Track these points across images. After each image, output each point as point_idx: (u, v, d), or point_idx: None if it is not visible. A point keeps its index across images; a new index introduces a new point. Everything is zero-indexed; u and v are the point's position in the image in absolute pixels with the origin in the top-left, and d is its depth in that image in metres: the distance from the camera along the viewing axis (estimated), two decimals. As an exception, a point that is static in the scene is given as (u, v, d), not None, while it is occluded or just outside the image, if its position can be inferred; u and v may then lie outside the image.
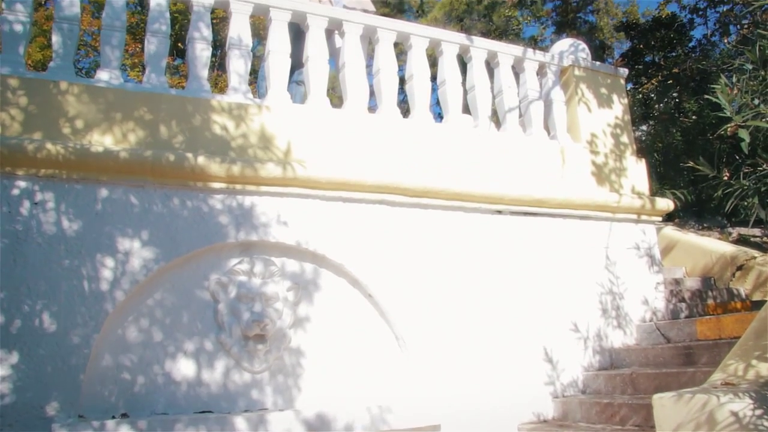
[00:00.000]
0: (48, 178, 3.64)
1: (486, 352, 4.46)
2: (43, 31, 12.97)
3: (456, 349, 4.39)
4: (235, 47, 4.41)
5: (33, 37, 11.69)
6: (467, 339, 4.44)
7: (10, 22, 3.93)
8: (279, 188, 4.10)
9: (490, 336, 4.51)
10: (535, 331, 4.68)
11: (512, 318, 4.63)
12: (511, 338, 4.58)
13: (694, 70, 11.60)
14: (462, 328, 4.44)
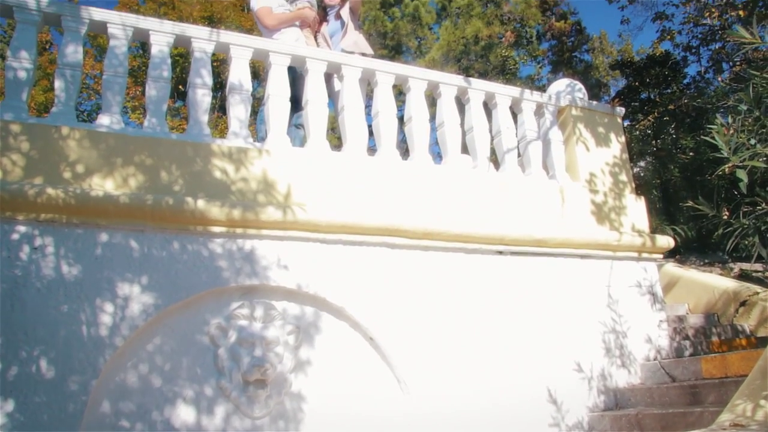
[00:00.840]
0: (48, 223, 3.64)
1: (489, 395, 4.41)
2: (47, 74, 13.12)
3: (459, 391, 4.33)
4: (235, 92, 4.46)
5: (36, 80, 11.84)
6: (470, 381, 4.39)
7: (14, 69, 3.98)
8: (279, 232, 4.10)
9: (493, 378, 4.46)
10: (538, 372, 4.63)
11: (515, 359, 4.59)
12: (515, 380, 4.53)
13: (689, 107, 11.72)
14: (465, 370, 4.40)
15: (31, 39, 4.09)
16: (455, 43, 17.45)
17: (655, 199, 12.04)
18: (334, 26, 6.10)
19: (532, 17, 18.73)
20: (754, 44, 2.94)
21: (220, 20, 14.05)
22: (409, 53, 18.87)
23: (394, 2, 18.52)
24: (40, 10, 4.13)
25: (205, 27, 5.13)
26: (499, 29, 18.11)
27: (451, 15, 18.94)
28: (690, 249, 8.97)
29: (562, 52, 18.94)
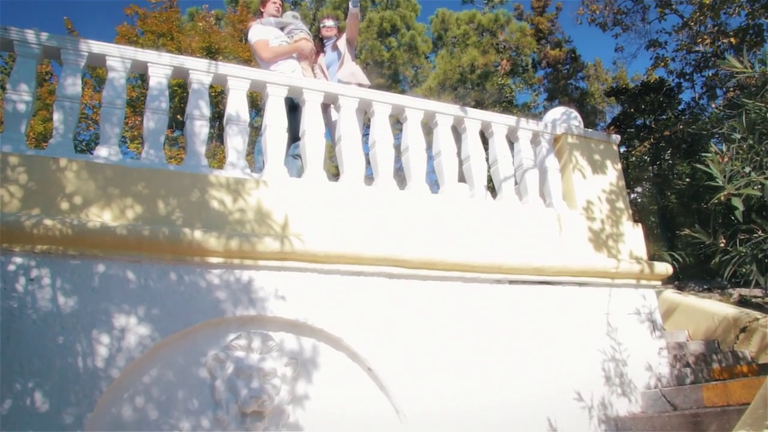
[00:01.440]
0: (45, 254, 3.63)
1: (488, 425, 4.36)
2: (46, 105, 13.18)
3: (458, 422, 4.29)
4: (233, 123, 4.49)
5: (36, 110, 11.90)
6: (469, 411, 4.34)
7: (14, 102, 4.01)
8: (277, 262, 4.10)
9: (492, 407, 4.42)
10: (538, 401, 4.59)
11: (515, 388, 4.55)
12: (514, 409, 4.48)
13: (685, 133, 11.79)
14: (464, 400, 4.36)
15: (31, 72, 4.14)
16: (451, 72, 17.62)
17: (653, 225, 12.07)
18: (331, 57, 6.18)
19: (527, 46, 18.97)
20: (745, 73, 2.97)
21: (218, 51, 14.16)
22: (406, 82, 19.05)
23: (390, 32, 18.73)
24: (40, 44, 4.18)
25: (203, 59, 5.19)
26: (495, 58, 18.31)
27: (447, 44, 19.17)
28: (689, 275, 8.95)
29: (557, 80, 19.14)
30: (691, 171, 10.62)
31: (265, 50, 5.74)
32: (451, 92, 17.46)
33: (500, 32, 19.06)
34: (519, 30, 19.27)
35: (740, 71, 3.00)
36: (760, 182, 2.81)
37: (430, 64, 19.57)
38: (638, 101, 13.39)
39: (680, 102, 13.90)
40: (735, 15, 12.09)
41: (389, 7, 19.23)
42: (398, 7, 19.27)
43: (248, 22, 15.22)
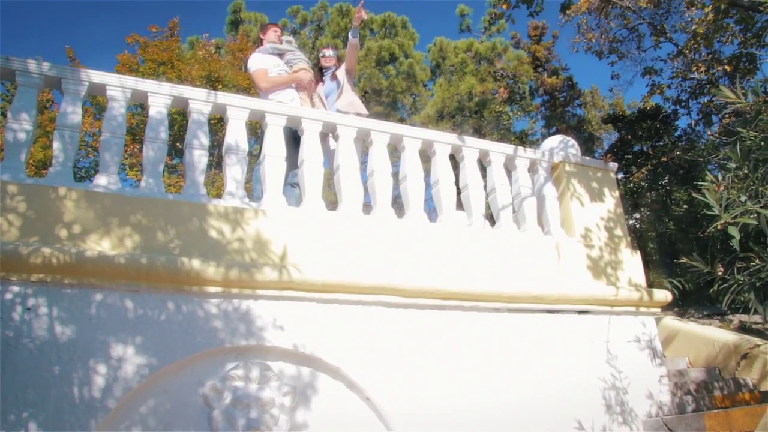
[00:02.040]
0: (42, 283, 3.62)
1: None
2: (46, 132, 13.22)
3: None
4: (232, 153, 4.52)
5: (36, 137, 11.93)
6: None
7: (14, 131, 4.04)
8: (275, 292, 4.09)
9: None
10: (539, 430, 4.55)
11: (514, 418, 4.51)
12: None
13: (682, 160, 11.86)
14: (464, 430, 4.31)
15: (32, 101, 4.17)
16: (449, 100, 17.75)
17: (652, 251, 12.07)
18: (330, 86, 6.23)
19: (524, 73, 19.14)
20: (738, 104, 3.01)
21: (217, 79, 14.28)
22: (405, 110, 19.17)
23: (389, 60, 18.90)
24: (42, 74, 4.21)
25: (203, 88, 5.23)
26: (493, 86, 18.47)
27: (445, 72, 19.33)
28: (688, 301, 8.93)
29: (554, 107, 19.29)
30: (688, 197, 10.66)
31: (263, 80, 5.79)
32: (450, 120, 17.57)
33: (497, 60, 19.25)
34: (516, 58, 19.46)
35: (734, 102, 3.03)
36: (756, 211, 2.82)
37: (428, 92, 19.72)
38: (635, 128, 13.49)
39: (677, 128, 14.00)
40: (728, 43, 12.25)
41: (388, 35, 19.44)
42: (396, 35, 19.48)
43: (248, 50, 15.48)
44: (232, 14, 19.86)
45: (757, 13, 5.86)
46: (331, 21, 19.36)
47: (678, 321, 7.25)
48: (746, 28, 8.80)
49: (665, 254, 11.67)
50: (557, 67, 20.76)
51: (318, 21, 20.12)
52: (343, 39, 18.33)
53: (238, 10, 19.80)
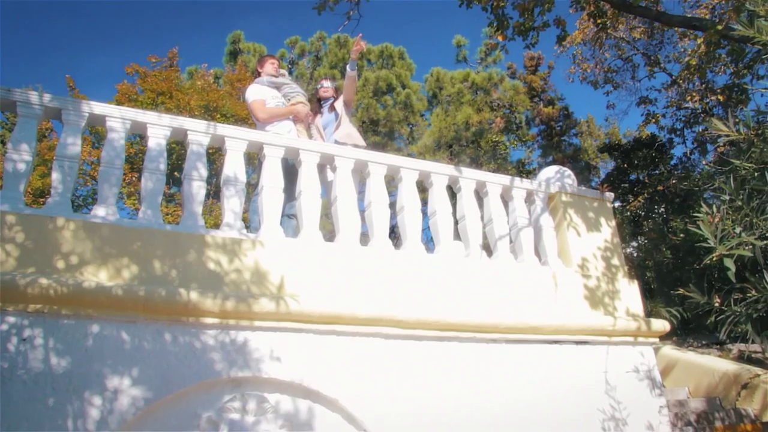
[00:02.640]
0: (38, 314, 3.61)
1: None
2: (44, 161, 13.26)
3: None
4: (230, 184, 4.54)
5: (34, 166, 11.96)
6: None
7: (14, 161, 4.06)
8: (272, 323, 4.07)
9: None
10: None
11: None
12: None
13: (678, 188, 11.92)
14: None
15: (32, 132, 4.20)
16: (446, 130, 17.89)
17: (650, 279, 12.06)
18: (328, 118, 6.28)
19: (520, 103, 19.33)
20: (731, 136, 3.05)
21: (216, 109, 14.39)
22: (402, 139, 19.30)
23: (386, 90, 19.09)
24: (42, 105, 4.25)
25: (201, 119, 5.27)
26: (489, 115, 18.64)
27: (441, 102, 19.52)
28: (687, 330, 8.90)
29: (551, 137, 19.44)
30: (685, 226, 10.69)
31: (261, 111, 5.84)
32: (447, 150, 17.69)
33: (494, 90, 19.46)
34: (512, 88, 19.67)
35: (727, 134, 3.08)
36: (751, 242, 2.84)
37: (425, 121, 19.88)
38: (631, 157, 13.59)
39: (672, 157, 14.11)
40: (721, 73, 12.41)
41: (385, 66, 19.65)
42: (394, 66, 19.70)
43: (246, 80, 15.63)
44: (231, 44, 20.11)
45: (748, 45, 5.95)
46: (329, 52, 19.59)
47: (677, 350, 7.22)
48: (738, 59, 8.92)
49: (663, 283, 11.65)
50: (553, 97, 20.98)
51: (316, 51, 20.36)
52: (341, 69, 18.52)
53: (237, 40, 20.05)
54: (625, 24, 14.62)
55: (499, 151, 18.06)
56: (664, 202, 12.59)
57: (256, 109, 5.86)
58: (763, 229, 2.90)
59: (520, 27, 8.23)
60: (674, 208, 12.17)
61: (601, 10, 8.88)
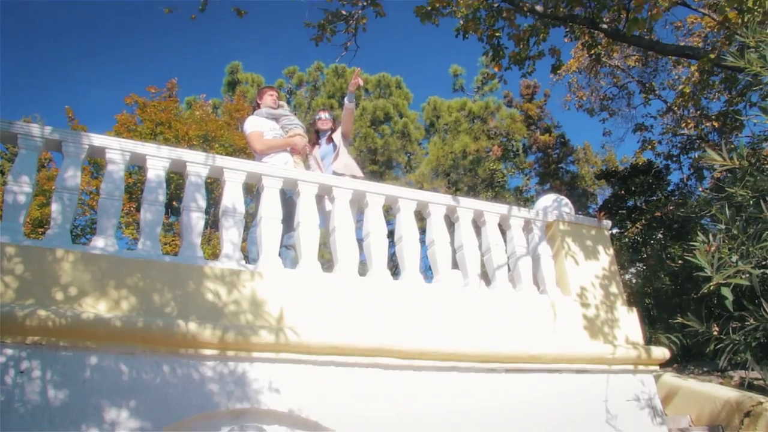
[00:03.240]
0: (36, 346, 3.59)
1: None
2: (44, 191, 13.27)
3: None
4: (228, 215, 4.56)
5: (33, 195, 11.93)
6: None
7: (14, 193, 4.08)
8: (271, 354, 4.06)
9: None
10: (538, 495, 4.46)
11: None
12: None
13: (675, 215, 11.94)
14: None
15: (33, 164, 4.23)
16: (444, 158, 18.00)
17: (649, 306, 12.03)
18: (326, 149, 6.33)
19: (517, 131, 19.48)
20: (725, 166, 3.08)
21: (214, 138, 14.47)
22: (400, 168, 19.40)
23: (384, 119, 19.24)
24: (43, 137, 4.29)
25: (200, 151, 5.31)
26: (486, 143, 18.76)
27: (439, 131, 19.67)
28: (687, 357, 8.85)
29: (548, 164, 19.54)
30: (683, 253, 10.68)
31: (259, 142, 5.89)
32: (444, 178, 17.78)
33: (491, 119, 19.62)
34: (509, 116, 19.84)
35: (721, 164, 3.11)
36: (747, 271, 2.86)
37: (423, 150, 20.01)
38: (628, 183, 13.61)
39: (669, 183, 14.14)
40: (715, 100, 12.53)
41: (382, 95, 19.84)
42: (391, 95, 19.88)
43: (244, 110, 15.74)
44: (229, 75, 20.30)
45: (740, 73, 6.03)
46: (327, 82, 19.78)
47: (678, 378, 7.16)
48: (731, 87, 9.03)
49: (662, 309, 11.61)
50: (550, 125, 21.14)
51: (314, 81, 20.56)
52: (338, 99, 18.69)
53: (235, 71, 20.25)
54: (620, 52, 14.81)
55: (497, 179, 18.14)
56: (662, 228, 12.60)
57: (254, 141, 5.91)
58: (759, 257, 2.92)
59: (515, 57, 8.32)
60: (672, 235, 12.16)
61: (595, 39, 8.99)
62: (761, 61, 2.85)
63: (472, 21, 7.93)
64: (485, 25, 8.08)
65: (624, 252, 12.62)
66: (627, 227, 13.31)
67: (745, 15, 6.54)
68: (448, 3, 7.95)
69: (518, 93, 22.16)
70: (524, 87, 21.77)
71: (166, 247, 12.60)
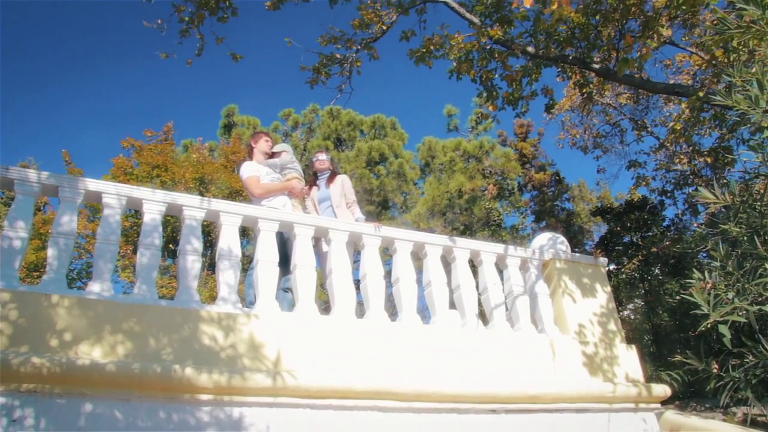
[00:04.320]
0: (30, 393, 3.55)
1: None
2: (39, 234, 13.24)
3: None
4: (224, 258, 4.56)
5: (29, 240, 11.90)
6: None
7: (10, 239, 4.08)
8: (269, 398, 4.01)
9: None
10: None
11: None
12: None
13: (671, 250, 11.96)
14: None
15: (29, 209, 4.25)
16: (440, 198, 18.09)
17: (648, 342, 11.96)
18: (324, 192, 6.34)
19: (512, 170, 19.63)
20: (717, 203, 3.11)
21: (211, 181, 14.55)
22: (396, 208, 19.47)
23: (379, 160, 19.39)
24: (40, 182, 4.31)
25: (196, 194, 5.34)
26: (482, 182, 18.89)
27: (434, 170, 19.82)
28: (689, 393, 8.77)
29: (543, 202, 19.62)
30: (679, 288, 10.68)
31: (256, 187, 5.89)
32: (440, 217, 17.84)
33: (485, 158, 19.79)
34: (504, 155, 20.01)
35: (714, 202, 3.14)
36: (744, 308, 2.86)
37: (418, 190, 20.13)
38: (623, 219, 13.66)
39: (664, 219, 14.19)
40: (707, 135, 12.66)
41: (377, 136, 20.03)
42: (386, 136, 20.08)
43: (240, 153, 15.85)
44: (225, 117, 20.49)
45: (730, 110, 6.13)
46: (322, 123, 19.99)
47: (680, 415, 7.07)
48: (721, 123, 9.14)
49: (662, 346, 11.55)
50: (544, 163, 21.30)
51: (309, 123, 20.77)
52: (333, 140, 18.87)
53: (231, 113, 20.44)
54: (611, 90, 15.01)
55: (493, 218, 18.20)
56: (659, 264, 12.60)
57: (252, 186, 5.92)
58: (755, 293, 2.93)
59: (509, 97, 8.44)
60: (669, 270, 12.17)
61: (587, 78, 9.13)
62: (747, 101, 2.90)
63: (465, 62, 8.06)
64: (478, 67, 8.22)
65: (622, 288, 12.61)
66: (624, 263, 13.31)
67: (730, 54, 6.67)
68: (441, 45, 8.11)
69: (512, 132, 22.39)
70: (518, 126, 22.00)
71: (162, 289, 12.55)
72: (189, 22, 8.55)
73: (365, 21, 8.57)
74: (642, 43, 7.19)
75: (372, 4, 8.66)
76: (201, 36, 8.68)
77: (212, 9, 8.48)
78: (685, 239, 11.80)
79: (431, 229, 16.63)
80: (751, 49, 5.78)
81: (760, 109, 2.90)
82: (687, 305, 9.53)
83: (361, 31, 8.72)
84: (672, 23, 9.61)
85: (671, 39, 11.49)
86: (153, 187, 4.78)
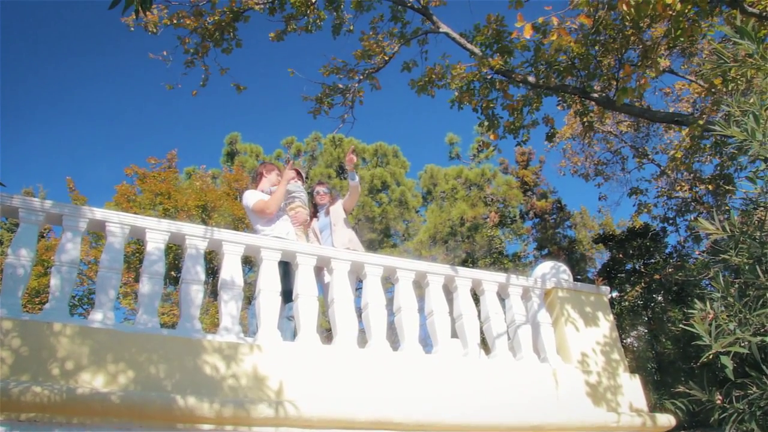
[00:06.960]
0: (31, 422, 3.53)
1: None
2: (41, 260, 13.25)
3: None
4: (227, 288, 4.56)
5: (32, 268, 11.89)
6: None
7: (13, 267, 4.09)
8: (270, 429, 3.98)
9: None
10: None
11: None
12: None
13: (673, 278, 11.95)
14: None
15: (33, 237, 4.26)
16: (442, 225, 18.12)
17: (652, 370, 11.89)
18: (325, 222, 6.36)
19: (514, 198, 19.69)
20: (717, 234, 3.13)
21: (213, 209, 14.61)
22: (398, 236, 19.50)
23: (381, 188, 19.46)
24: (44, 211, 4.33)
25: (199, 223, 5.36)
26: (484, 210, 18.94)
27: (436, 198, 19.89)
28: (694, 423, 8.69)
29: (545, 229, 19.65)
30: (682, 316, 10.65)
31: (267, 205, 5.73)
32: (442, 245, 17.85)
33: (487, 186, 19.87)
34: (505, 183, 20.10)
35: (713, 233, 3.15)
36: (746, 339, 2.85)
37: (420, 218, 20.18)
38: (626, 247, 13.66)
39: (666, 245, 14.20)
40: (708, 162, 12.73)
41: (380, 164, 20.13)
42: (388, 164, 20.19)
43: (243, 180, 15.92)
44: (228, 145, 20.64)
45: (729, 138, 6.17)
46: (325, 151, 20.11)
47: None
48: (721, 150, 9.21)
49: (666, 374, 11.48)
50: (546, 191, 21.38)
51: (312, 151, 20.90)
52: (336, 168, 18.95)
53: (234, 141, 20.59)
54: (612, 118, 15.12)
55: (495, 245, 18.21)
56: (661, 291, 12.57)
57: (264, 208, 5.73)
58: (757, 324, 2.92)
59: (510, 126, 8.51)
60: (672, 297, 12.14)
61: (587, 108, 9.21)
62: (744, 134, 2.93)
63: (467, 92, 8.15)
64: (479, 96, 8.30)
65: (625, 315, 12.57)
66: (626, 290, 13.28)
67: (729, 84, 6.73)
68: (442, 76, 8.20)
69: (514, 160, 22.53)
70: (519, 154, 22.13)
71: (164, 317, 12.53)
72: (194, 53, 8.68)
73: (367, 51, 8.70)
74: (640, 73, 7.27)
75: (374, 35, 8.80)
76: (206, 67, 8.82)
77: (216, 41, 8.62)
78: (687, 267, 11.79)
79: (433, 257, 16.63)
80: (749, 79, 5.84)
81: (756, 141, 2.93)
82: (690, 334, 9.51)
83: (364, 61, 8.85)
84: (671, 52, 9.73)
85: (670, 68, 11.61)
86: (155, 215, 4.80)
